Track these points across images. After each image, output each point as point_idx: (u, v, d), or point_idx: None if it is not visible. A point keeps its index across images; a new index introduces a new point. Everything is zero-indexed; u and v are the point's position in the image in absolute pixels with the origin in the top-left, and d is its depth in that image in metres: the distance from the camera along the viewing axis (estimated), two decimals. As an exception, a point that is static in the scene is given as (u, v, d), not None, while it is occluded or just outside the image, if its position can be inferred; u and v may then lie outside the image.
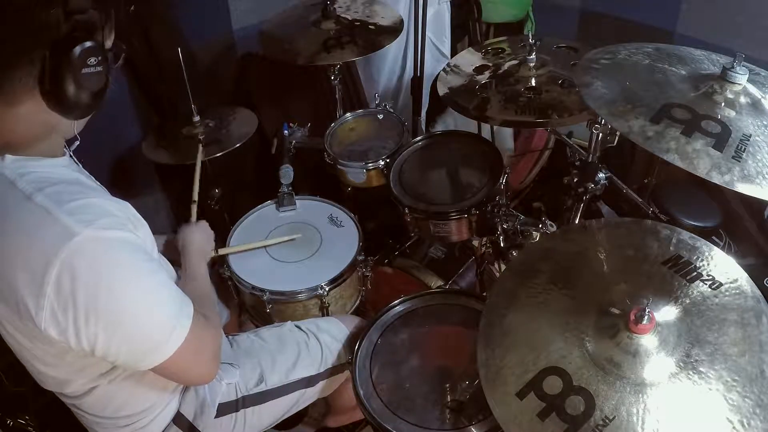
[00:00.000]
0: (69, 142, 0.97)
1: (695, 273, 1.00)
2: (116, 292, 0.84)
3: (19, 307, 0.84)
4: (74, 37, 0.82)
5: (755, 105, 1.02)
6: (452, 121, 2.38)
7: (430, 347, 1.27)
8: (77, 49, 0.82)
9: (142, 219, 0.95)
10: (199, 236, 1.33)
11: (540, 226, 1.37)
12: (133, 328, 0.88)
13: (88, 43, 0.83)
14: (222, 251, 1.48)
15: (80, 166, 1.00)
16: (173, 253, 1.29)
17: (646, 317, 0.88)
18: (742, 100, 1.02)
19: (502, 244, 1.49)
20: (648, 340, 0.89)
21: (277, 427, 1.34)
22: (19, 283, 0.83)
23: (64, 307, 0.82)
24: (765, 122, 0.99)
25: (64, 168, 0.93)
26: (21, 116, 0.85)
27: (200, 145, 1.68)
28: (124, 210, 0.90)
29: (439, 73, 1.69)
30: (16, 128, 0.87)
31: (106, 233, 0.83)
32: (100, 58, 0.85)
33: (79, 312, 0.82)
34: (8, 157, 0.87)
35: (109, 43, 0.91)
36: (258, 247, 1.57)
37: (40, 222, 0.82)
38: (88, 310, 0.83)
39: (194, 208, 1.48)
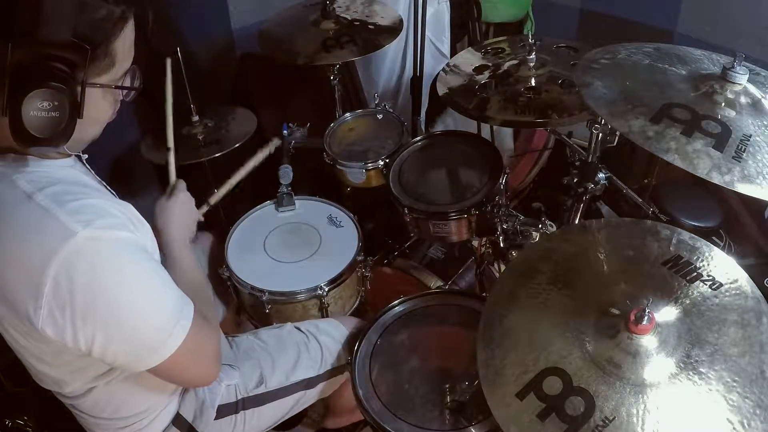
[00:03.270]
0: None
1: (695, 273, 1.00)
2: (114, 293, 0.84)
3: (17, 306, 0.84)
4: (37, 72, 0.77)
5: (755, 105, 1.02)
6: (452, 121, 2.38)
7: (430, 348, 1.27)
8: (28, 89, 0.76)
9: (144, 220, 0.95)
10: (179, 211, 1.25)
11: (540, 226, 1.37)
12: (131, 328, 0.87)
13: (43, 85, 0.77)
14: (213, 199, 1.41)
15: (87, 167, 1.00)
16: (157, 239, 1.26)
17: (646, 318, 0.88)
18: (743, 100, 1.01)
19: (501, 245, 1.49)
20: (648, 341, 0.89)
21: (276, 427, 1.33)
22: (17, 282, 0.82)
23: (62, 307, 0.82)
24: (765, 122, 0.99)
25: (68, 168, 0.93)
26: None
27: (167, 59, 1.40)
28: (125, 211, 0.90)
29: (438, 73, 1.69)
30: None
31: (106, 233, 0.83)
32: (56, 102, 0.78)
33: (76, 312, 0.82)
34: (10, 156, 0.87)
35: (109, 78, 0.88)
36: (242, 176, 1.48)
37: (39, 221, 0.82)
38: (86, 311, 0.82)
39: (171, 159, 1.32)
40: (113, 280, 0.84)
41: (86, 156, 0.98)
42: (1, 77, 0.77)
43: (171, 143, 1.35)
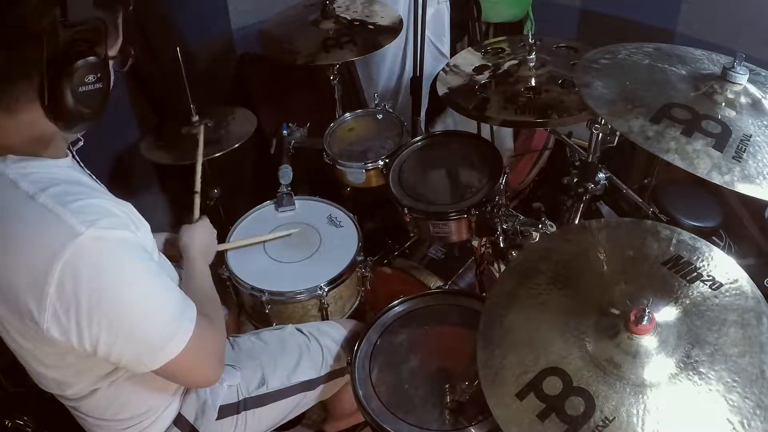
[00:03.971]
0: (72, 143, 0.97)
1: (695, 273, 1.00)
2: (119, 293, 0.84)
3: (21, 308, 0.84)
4: (72, 52, 0.79)
5: (755, 105, 1.02)
6: (452, 121, 2.38)
7: (430, 348, 1.27)
8: (74, 67, 0.79)
9: (144, 220, 0.95)
10: (200, 236, 1.32)
11: (540, 226, 1.37)
12: (136, 329, 0.87)
13: (86, 60, 0.80)
14: (220, 247, 1.47)
15: (83, 167, 1.00)
16: (173, 251, 1.28)
17: (646, 318, 0.88)
18: (743, 100, 1.01)
19: (501, 245, 1.49)
20: (648, 341, 0.89)
21: (276, 428, 1.33)
22: (21, 284, 0.82)
23: (67, 308, 0.82)
24: (765, 122, 0.99)
25: (67, 169, 0.93)
26: (23, 123, 0.84)
27: (201, 126, 1.65)
28: (126, 210, 0.90)
29: (438, 73, 1.69)
30: (18, 133, 0.86)
31: (109, 233, 0.83)
32: (99, 74, 0.83)
33: (81, 312, 0.82)
34: (10, 157, 0.87)
35: (114, 51, 0.89)
36: (257, 242, 1.56)
37: (42, 222, 0.82)
38: (91, 311, 0.82)
39: (197, 201, 1.44)
40: (117, 279, 0.84)
41: (82, 143, 0.98)
42: (37, 69, 0.79)
43: (198, 188, 1.47)
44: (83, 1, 0.79)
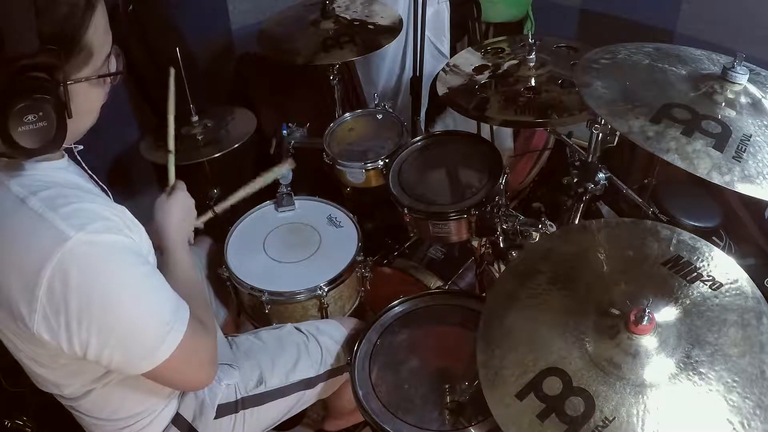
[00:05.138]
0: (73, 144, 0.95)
1: (695, 273, 0.99)
2: (108, 297, 0.84)
3: (12, 310, 0.84)
4: (10, 91, 0.76)
5: (755, 105, 1.01)
6: (452, 121, 2.38)
7: (430, 348, 1.27)
8: (9, 106, 0.76)
9: (139, 223, 0.94)
10: (177, 212, 1.22)
11: (539, 226, 1.37)
12: (125, 333, 0.87)
13: (23, 101, 0.76)
14: (219, 208, 1.41)
15: (80, 167, 0.99)
16: (155, 239, 1.24)
17: (646, 318, 0.88)
18: (743, 100, 1.01)
19: (501, 245, 1.49)
20: (648, 341, 0.89)
21: (275, 428, 1.33)
22: (12, 287, 0.82)
23: (56, 312, 0.82)
24: (765, 122, 0.99)
25: (61, 170, 0.93)
26: None
27: (171, 69, 1.36)
28: (119, 214, 0.89)
29: (438, 73, 1.69)
30: None
31: (99, 237, 0.83)
32: (41, 113, 0.78)
33: (71, 316, 0.82)
34: (2, 160, 0.87)
35: (87, 71, 0.85)
36: (250, 192, 1.49)
37: (33, 226, 0.82)
38: (81, 315, 0.82)
39: (171, 162, 1.31)
40: (107, 284, 0.84)
41: (80, 147, 0.96)
42: None
43: (172, 146, 1.36)
44: (25, 29, 0.76)
